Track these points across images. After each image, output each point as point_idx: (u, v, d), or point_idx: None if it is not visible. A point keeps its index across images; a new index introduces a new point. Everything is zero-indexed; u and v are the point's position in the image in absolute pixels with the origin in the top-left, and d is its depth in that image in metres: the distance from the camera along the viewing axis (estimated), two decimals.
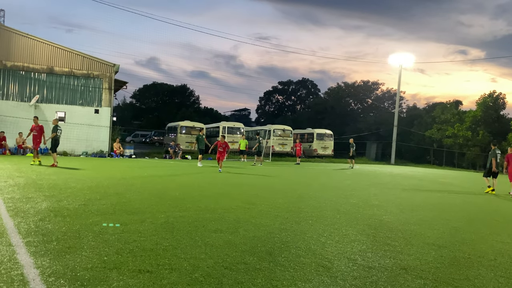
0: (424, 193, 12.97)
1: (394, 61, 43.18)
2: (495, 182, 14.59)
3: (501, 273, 4.61)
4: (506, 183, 15.61)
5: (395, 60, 42.67)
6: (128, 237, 5.17)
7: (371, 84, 63.48)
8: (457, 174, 26.87)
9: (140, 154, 28.22)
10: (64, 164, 17.22)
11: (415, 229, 6.76)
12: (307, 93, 77.38)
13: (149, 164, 20.49)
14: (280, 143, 34.07)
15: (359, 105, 63.98)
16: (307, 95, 77.20)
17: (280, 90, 78.68)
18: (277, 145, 33.77)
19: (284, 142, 34.36)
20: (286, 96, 79.04)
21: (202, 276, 3.88)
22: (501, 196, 13.42)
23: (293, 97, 78.73)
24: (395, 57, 42.66)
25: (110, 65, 26.28)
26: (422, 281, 4.16)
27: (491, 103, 39.44)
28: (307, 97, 76.83)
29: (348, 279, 4.08)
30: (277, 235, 5.75)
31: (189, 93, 72.81)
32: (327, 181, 15.37)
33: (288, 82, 78.19)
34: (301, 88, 77.77)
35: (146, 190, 9.73)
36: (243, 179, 14.51)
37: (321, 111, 59.73)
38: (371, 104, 62.73)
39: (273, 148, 32.88)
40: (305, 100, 76.51)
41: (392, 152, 40.30)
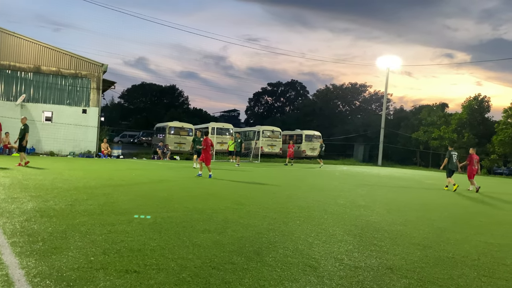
0: (410, 194, 13.12)
1: (381, 64, 43.68)
2: (451, 180, 15.88)
3: (484, 272, 4.69)
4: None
5: (383, 62, 43.14)
6: (115, 237, 5.15)
7: (359, 86, 64.02)
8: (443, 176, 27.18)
9: (128, 154, 28.03)
10: (51, 164, 17.04)
11: (401, 229, 6.85)
12: (296, 95, 77.70)
13: (137, 164, 20.36)
14: (269, 144, 34.14)
15: (347, 107, 64.47)
16: (296, 96, 77.52)
17: (269, 91, 78.85)
18: (266, 146, 33.84)
19: (273, 143, 34.44)
20: (275, 97, 79.24)
21: (190, 276, 3.88)
22: (485, 198, 13.65)
23: (282, 99, 78.97)
24: (383, 60, 43.13)
25: (98, 64, 26.06)
26: (407, 280, 4.22)
27: (476, 106, 40.08)
28: (296, 98, 77.15)
29: (334, 278, 4.12)
30: (265, 235, 5.77)
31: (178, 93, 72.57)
32: (315, 182, 15.45)
33: (277, 84, 78.43)
34: (290, 89, 78.04)
35: (134, 191, 9.69)
36: (232, 179, 14.51)
37: (309, 112, 60.01)
38: (359, 106, 63.26)
39: (262, 149, 32.93)
40: (294, 101, 76.82)
41: (379, 153, 40.65)
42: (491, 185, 20.43)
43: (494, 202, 12.54)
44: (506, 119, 35.33)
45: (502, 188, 19.20)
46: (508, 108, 35.44)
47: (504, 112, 35.75)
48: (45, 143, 24.55)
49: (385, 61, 42.73)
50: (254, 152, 31.89)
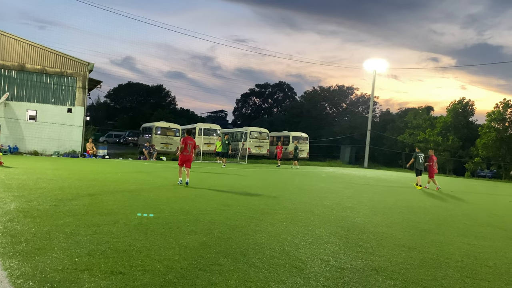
0: (396, 196, 13.26)
1: (368, 67, 44.04)
2: (419, 179, 17.43)
3: (467, 273, 4.77)
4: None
5: (370, 65, 43.53)
6: (100, 238, 5.09)
7: (346, 89, 64.51)
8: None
9: (113, 154, 27.74)
10: (35, 164, 16.78)
11: (387, 231, 6.92)
12: (284, 96, 77.95)
13: (123, 165, 20.17)
14: (256, 145, 34.14)
15: (334, 109, 64.89)
16: (284, 98, 77.77)
17: (257, 92, 78.94)
18: (253, 147, 33.84)
19: (261, 145, 34.46)
20: (263, 98, 79.39)
21: (176, 278, 3.86)
22: (469, 201, 13.87)
23: (270, 100, 79.15)
24: (370, 63, 43.52)
25: (84, 63, 25.76)
26: (392, 281, 4.26)
27: (460, 109, 40.72)
28: (284, 100, 77.40)
29: (320, 280, 4.14)
30: (251, 236, 5.77)
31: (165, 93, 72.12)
32: (302, 183, 15.51)
33: (265, 85, 78.58)
34: (278, 91, 78.28)
35: (120, 191, 9.60)
36: (219, 180, 14.48)
37: (297, 114, 60.25)
38: (346, 109, 63.75)
39: (249, 150, 32.92)
40: (282, 103, 77.06)
41: (365, 155, 41.00)
42: (476, 188, 20.76)
43: (478, 204, 12.75)
44: (490, 122, 35.94)
45: (487, 190, 19.52)
46: (492, 112, 36.07)
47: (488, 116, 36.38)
48: (29, 142, 24.17)
49: (372, 64, 43.15)
50: (241, 153, 31.87)
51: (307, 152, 37.15)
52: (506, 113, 35.39)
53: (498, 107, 35.90)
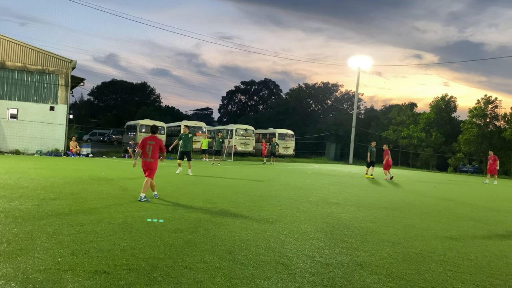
0: (380, 191, 13.40)
1: (353, 64, 44.33)
2: (372, 170, 19.91)
3: (450, 267, 4.85)
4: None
5: (354, 62, 43.82)
6: (84, 237, 5.03)
7: (331, 86, 64.86)
8: (412, 174, 27.95)
9: (97, 153, 27.42)
10: (16, 163, 16.47)
11: (371, 227, 6.99)
12: (270, 94, 78.00)
13: (107, 163, 19.95)
14: (242, 142, 34.13)
15: (320, 106, 65.20)
16: (270, 95, 77.82)
17: (242, 90, 78.84)
18: (239, 144, 33.82)
19: (246, 142, 34.45)
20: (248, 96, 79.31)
21: (161, 276, 3.84)
22: (452, 196, 14.10)
23: (256, 97, 79.11)
24: (354, 60, 43.80)
25: (66, 61, 25.36)
26: (376, 276, 4.32)
27: (443, 106, 41.30)
28: (270, 97, 77.45)
29: (306, 275, 4.16)
30: (237, 234, 5.77)
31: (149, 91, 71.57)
32: (288, 180, 15.56)
33: (250, 82, 78.54)
34: (264, 88, 78.29)
35: (104, 190, 9.49)
36: (205, 178, 14.43)
37: (283, 111, 60.36)
38: (331, 106, 64.11)
39: (235, 148, 32.89)
40: (268, 100, 77.10)
41: (350, 152, 41.33)
42: (457, 183, 21.13)
43: (460, 199, 12.97)
44: (471, 118, 36.54)
45: (469, 185, 19.88)
46: (473, 108, 36.67)
47: (470, 112, 36.98)
48: (10, 141, 23.71)
49: (357, 61, 43.45)
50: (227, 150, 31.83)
51: (293, 149, 37.28)
52: (487, 109, 36.02)
53: (480, 103, 36.52)
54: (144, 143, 8.55)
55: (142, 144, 8.58)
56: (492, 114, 36.14)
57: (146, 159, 8.50)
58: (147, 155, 8.48)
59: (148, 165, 8.50)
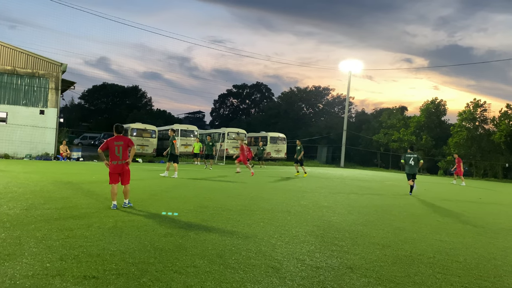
0: (371, 195, 13.47)
1: (344, 68, 44.66)
2: (301, 168, 21.64)
3: (439, 269, 4.89)
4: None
5: (345, 66, 44.15)
6: (73, 242, 4.99)
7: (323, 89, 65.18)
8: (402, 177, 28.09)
9: (88, 157, 27.22)
10: (5, 167, 16.29)
11: (362, 230, 7.02)
12: (261, 97, 78.10)
13: (97, 167, 19.81)
14: (234, 146, 34.09)
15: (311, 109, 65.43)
16: (261, 99, 77.92)
17: (234, 93, 78.83)
18: (231, 148, 33.79)
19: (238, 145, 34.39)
20: (240, 99, 79.31)
21: (151, 281, 3.83)
22: (441, 199, 14.22)
23: (248, 101, 79.15)
24: (345, 64, 44.14)
25: (57, 64, 25.18)
26: (366, 279, 4.34)
27: (433, 109, 41.71)
28: (261, 101, 77.54)
29: (296, 279, 4.17)
30: (228, 237, 5.76)
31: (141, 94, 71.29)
32: (280, 183, 15.58)
33: (242, 86, 78.54)
34: (256, 92, 78.36)
35: (94, 195, 9.43)
36: (196, 182, 14.39)
37: (274, 115, 60.47)
38: (322, 109, 64.37)
39: (227, 151, 32.86)
40: (259, 104, 77.18)
41: (341, 155, 41.51)
42: (448, 186, 21.30)
43: (450, 202, 13.08)
44: (461, 122, 36.93)
45: (458, 188, 20.05)
46: (463, 112, 37.07)
47: (459, 116, 37.38)
48: None
49: (348, 65, 43.78)
50: (219, 154, 31.77)
51: (285, 152, 37.34)
52: (476, 112, 36.44)
53: (469, 107, 36.93)
54: (110, 145, 7.70)
55: (106, 145, 7.71)
56: (481, 117, 36.57)
57: (117, 161, 7.71)
58: (117, 157, 7.71)
59: (121, 167, 7.77)
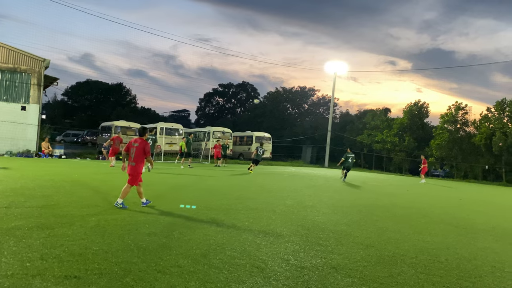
0: (355, 195, 13.59)
1: (329, 69, 44.94)
2: (254, 166, 22.46)
3: (421, 269, 4.95)
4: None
5: (330, 68, 44.42)
6: (54, 241, 4.90)
7: (308, 90, 65.49)
8: (385, 177, 28.44)
9: (71, 154, 26.80)
10: None
11: (346, 230, 7.07)
12: (247, 97, 78.01)
13: (80, 165, 19.52)
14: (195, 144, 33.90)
15: (296, 110, 65.72)
16: (247, 98, 77.84)
17: (220, 92, 78.58)
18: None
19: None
20: (226, 98, 79.11)
21: (134, 281, 3.78)
22: (424, 200, 14.42)
23: (234, 100, 79.01)
24: (330, 65, 44.42)
25: (39, 59, 24.71)
26: (350, 279, 4.36)
27: (416, 111, 42.27)
28: (247, 100, 77.47)
29: (281, 279, 4.17)
30: (212, 237, 5.73)
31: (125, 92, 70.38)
32: (265, 183, 15.58)
33: (228, 85, 78.36)
34: (241, 91, 78.26)
35: (77, 193, 9.27)
36: (180, 181, 14.30)
37: (260, 114, 60.51)
38: (308, 109, 64.71)
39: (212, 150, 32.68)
40: (245, 103, 77.12)
41: (326, 155, 41.77)
42: (431, 187, 21.62)
43: (432, 202, 13.28)
44: (443, 124, 37.52)
45: (440, 189, 20.37)
46: (445, 114, 37.66)
47: (441, 118, 37.96)
48: None
49: (333, 66, 44.06)
50: (204, 153, 31.63)
51: (270, 152, 37.39)
52: (457, 115, 37.07)
53: (451, 110, 37.54)
54: (129, 146, 8.11)
55: (127, 147, 8.15)
56: (462, 120, 37.21)
57: (130, 163, 8.01)
58: (130, 158, 7.99)
59: (130, 169, 7.96)
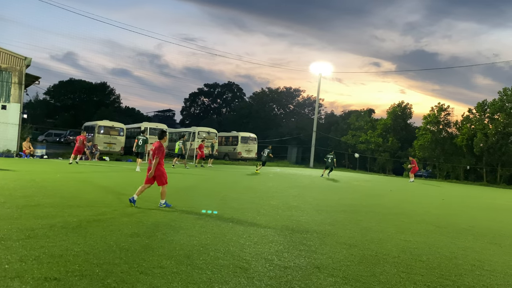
0: (339, 195, 13.69)
1: (314, 70, 45.25)
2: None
3: (403, 269, 5.01)
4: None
5: (316, 68, 44.74)
6: (34, 243, 4.81)
7: (293, 90, 65.76)
8: (369, 177, 28.71)
9: (53, 154, 26.37)
10: None
11: (329, 229, 7.11)
12: (233, 97, 77.92)
13: (62, 165, 19.22)
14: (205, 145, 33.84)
15: (282, 110, 65.91)
16: (233, 98, 77.75)
17: (206, 92, 78.29)
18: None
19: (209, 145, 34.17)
20: (212, 98, 78.86)
21: (115, 282, 3.73)
22: (407, 200, 14.60)
23: (219, 100, 78.81)
24: (316, 66, 44.74)
25: (20, 58, 24.25)
26: (333, 278, 4.39)
27: (399, 112, 42.79)
28: (233, 100, 77.38)
29: (264, 279, 4.17)
30: (196, 238, 5.71)
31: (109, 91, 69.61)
32: (250, 183, 15.58)
33: (214, 85, 78.13)
34: (227, 91, 78.12)
35: (58, 193, 9.13)
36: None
37: (246, 115, 60.49)
38: (293, 110, 64.97)
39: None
40: (231, 103, 77.01)
41: (311, 156, 42.01)
42: (414, 187, 21.90)
43: (414, 202, 13.45)
44: (426, 125, 38.03)
45: (423, 189, 20.65)
46: (427, 115, 38.20)
47: (424, 119, 38.49)
48: None
49: (318, 67, 44.37)
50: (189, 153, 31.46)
51: (255, 152, 37.41)
52: (440, 116, 37.63)
53: (433, 111, 38.10)
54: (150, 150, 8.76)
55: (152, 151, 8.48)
56: (444, 121, 37.78)
57: (150, 164, 8.40)
58: (150, 160, 8.47)
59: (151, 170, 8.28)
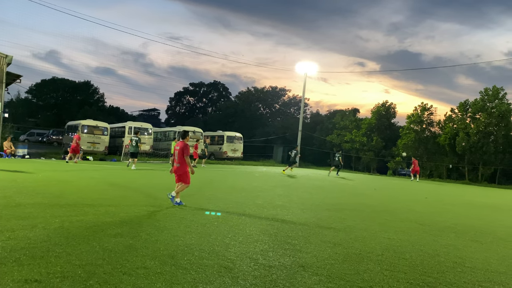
0: (324, 193, 13.76)
1: (300, 69, 45.42)
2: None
3: (387, 266, 5.06)
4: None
5: (301, 68, 44.91)
6: (15, 244, 4.72)
7: (279, 90, 65.99)
8: (354, 176, 28.96)
9: (35, 154, 25.93)
10: None
11: (314, 228, 7.14)
12: (219, 96, 77.78)
13: (45, 165, 18.90)
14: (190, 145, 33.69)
15: (268, 109, 66.06)
16: (219, 98, 77.61)
17: (191, 91, 77.98)
18: None
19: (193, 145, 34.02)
20: (197, 98, 78.58)
21: (98, 283, 3.68)
22: (391, 198, 14.76)
23: (205, 99, 78.57)
24: (301, 66, 44.91)
25: (1, 55, 23.75)
26: (317, 277, 4.41)
27: (384, 112, 43.27)
28: (219, 100, 77.23)
29: (248, 279, 4.17)
30: (181, 238, 5.67)
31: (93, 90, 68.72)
32: (235, 183, 15.56)
33: (199, 84, 77.87)
34: (213, 90, 77.95)
35: (40, 194, 8.97)
36: (149, 180, 14.09)
37: (231, 114, 60.45)
38: (279, 109, 65.17)
39: None
40: (217, 102, 76.84)
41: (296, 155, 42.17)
42: (398, 186, 22.17)
43: (398, 201, 13.61)
44: (409, 124, 38.55)
45: (406, 187, 20.92)
46: (411, 115, 38.71)
47: (408, 118, 38.99)
48: None
49: (303, 67, 44.57)
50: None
51: (241, 151, 37.40)
52: (423, 116, 38.17)
53: (417, 110, 38.62)
54: (175, 150, 9.20)
55: (174, 151, 9.26)
56: (428, 120, 38.33)
57: (175, 164, 9.08)
58: (175, 160, 9.07)
59: (175, 170, 9.01)
